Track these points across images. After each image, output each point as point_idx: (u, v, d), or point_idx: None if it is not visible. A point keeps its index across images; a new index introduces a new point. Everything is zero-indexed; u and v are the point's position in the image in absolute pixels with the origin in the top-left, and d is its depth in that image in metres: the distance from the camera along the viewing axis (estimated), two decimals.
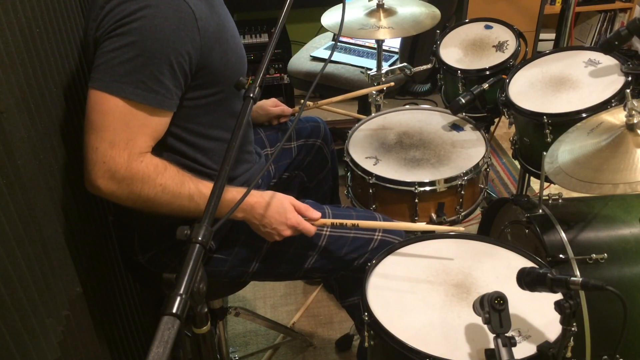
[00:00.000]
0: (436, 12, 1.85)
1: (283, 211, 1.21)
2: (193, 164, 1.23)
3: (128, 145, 1.06)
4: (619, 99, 1.47)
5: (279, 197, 1.23)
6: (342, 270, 1.36)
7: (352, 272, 1.35)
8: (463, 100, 1.74)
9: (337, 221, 1.27)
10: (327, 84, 2.49)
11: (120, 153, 1.05)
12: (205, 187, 1.15)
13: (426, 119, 1.81)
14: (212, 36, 1.12)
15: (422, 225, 1.35)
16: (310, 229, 1.23)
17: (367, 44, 2.69)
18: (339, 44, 2.70)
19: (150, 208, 1.12)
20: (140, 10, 1.02)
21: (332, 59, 2.57)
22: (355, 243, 1.33)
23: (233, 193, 1.16)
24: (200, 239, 0.77)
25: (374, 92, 1.98)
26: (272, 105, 1.68)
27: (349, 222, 1.27)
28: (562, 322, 0.91)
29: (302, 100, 1.13)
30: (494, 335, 0.92)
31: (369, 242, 1.34)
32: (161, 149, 1.18)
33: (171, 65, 1.06)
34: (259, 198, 1.20)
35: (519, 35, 1.90)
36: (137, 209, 1.12)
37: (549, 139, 1.52)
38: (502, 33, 1.94)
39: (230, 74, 1.18)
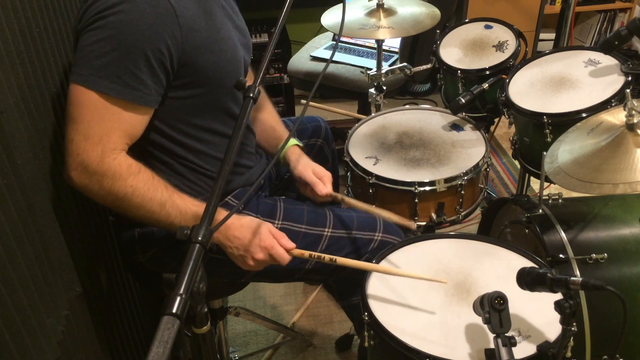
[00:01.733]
0: (436, 12, 1.85)
1: (257, 233, 1.16)
2: (186, 163, 1.23)
3: (102, 140, 1.06)
4: (619, 98, 1.47)
5: (256, 220, 1.19)
6: (342, 271, 1.36)
7: (351, 274, 1.35)
8: (463, 100, 1.74)
9: (314, 254, 1.18)
10: (327, 84, 2.49)
11: (93, 147, 1.05)
12: (179, 198, 1.13)
13: (426, 119, 1.81)
14: (197, 35, 1.11)
15: (406, 272, 1.21)
16: (283, 255, 1.16)
17: (367, 44, 2.69)
18: (339, 44, 2.70)
19: (120, 208, 1.11)
20: (119, 4, 1.03)
21: (332, 58, 2.57)
22: (356, 244, 1.33)
23: (198, 209, 1.13)
24: (200, 239, 0.77)
25: (374, 92, 1.98)
26: (316, 171, 1.43)
27: (326, 256, 1.18)
28: (562, 322, 0.91)
29: (303, 101, 1.13)
30: (494, 335, 0.92)
31: (369, 243, 1.34)
32: (152, 147, 1.18)
33: (148, 60, 1.06)
34: (235, 220, 1.17)
35: (519, 35, 1.90)
36: (109, 207, 1.12)
37: (549, 139, 1.52)
38: (502, 33, 1.94)
39: (221, 76, 1.18)
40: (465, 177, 1.54)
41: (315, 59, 2.57)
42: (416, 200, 1.53)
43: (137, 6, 1.03)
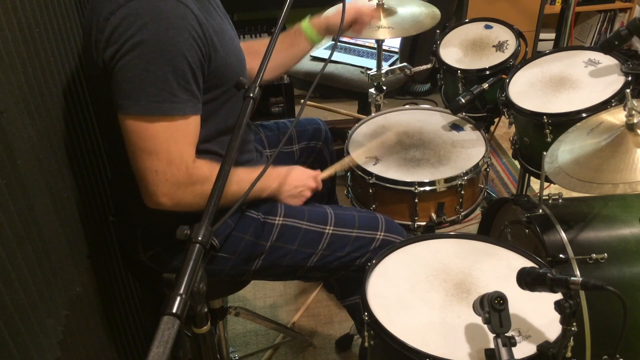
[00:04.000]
0: (436, 12, 1.85)
1: (299, 170, 1.39)
2: None
3: (183, 158, 1.10)
4: (619, 98, 1.47)
5: (286, 167, 1.37)
6: (343, 270, 1.36)
7: (353, 272, 1.35)
8: (463, 100, 1.74)
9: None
10: (327, 84, 2.49)
11: (179, 167, 1.10)
12: (242, 172, 1.23)
13: (426, 119, 1.81)
14: (213, 38, 1.13)
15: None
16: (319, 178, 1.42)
17: (367, 44, 2.69)
18: (339, 44, 2.70)
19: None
20: (150, 23, 1.02)
21: (332, 58, 2.57)
22: (358, 243, 1.33)
23: (247, 174, 1.24)
24: (200, 238, 0.77)
25: (374, 92, 1.98)
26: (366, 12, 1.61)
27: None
28: (562, 322, 0.91)
29: (302, 101, 1.13)
30: (494, 335, 0.92)
31: (370, 242, 1.34)
32: None
33: (193, 71, 1.08)
34: (281, 169, 1.34)
35: (519, 35, 1.90)
36: (194, 209, 1.13)
37: (549, 139, 1.52)
38: (502, 33, 1.94)
39: (232, 76, 1.19)
40: (465, 177, 1.54)
41: (315, 58, 2.57)
42: (416, 200, 1.53)
43: (169, 22, 1.04)
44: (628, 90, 1.27)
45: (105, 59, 1.06)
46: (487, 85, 1.78)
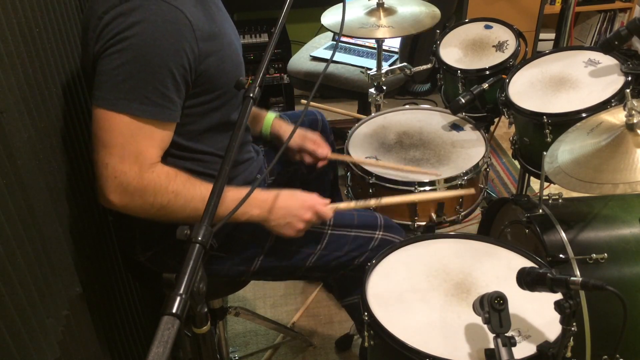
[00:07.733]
0: (436, 11, 1.85)
1: (295, 197, 1.22)
2: (191, 166, 1.23)
3: (138, 158, 1.07)
4: (618, 98, 1.47)
5: (285, 190, 1.23)
6: (342, 270, 1.36)
7: (352, 272, 1.35)
8: (463, 100, 1.74)
9: (359, 202, 1.35)
10: (327, 84, 2.49)
11: (130, 167, 1.06)
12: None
13: (426, 119, 1.81)
14: (208, 44, 1.12)
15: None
16: (327, 210, 1.24)
17: (367, 44, 2.69)
18: (339, 44, 2.70)
19: (165, 216, 1.12)
20: (138, 24, 1.03)
21: (332, 58, 2.57)
22: (356, 242, 1.33)
23: (235, 193, 1.15)
24: (200, 238, 0.77)
25: (374, 92, 1.98)
26: (312, 138, 1.55)
27: (372, 201, 1.33)
28: (562, 322, 0.91)
29: (303, 101, 1.13)
30: (494, 335, 0.92)
31: (369, 241, 1.34)
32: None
33: (173, 77, 1.06)
34: (270, 195, 1.21)
35: (518, 35, 1.90)
36: (152, 219, 1.12)
37: (549, 139, 1.52)
38: (502, 33, 1.94)
39: (226, 81, 1.19)
40: (465, 177, 1.54)
41: (315, 59, 2.57)
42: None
43: (157, 25, 1.03)
44: (628, 90, 1.27)
45: (94, 53, 1.07)
46: (487, 85, 1.78)
